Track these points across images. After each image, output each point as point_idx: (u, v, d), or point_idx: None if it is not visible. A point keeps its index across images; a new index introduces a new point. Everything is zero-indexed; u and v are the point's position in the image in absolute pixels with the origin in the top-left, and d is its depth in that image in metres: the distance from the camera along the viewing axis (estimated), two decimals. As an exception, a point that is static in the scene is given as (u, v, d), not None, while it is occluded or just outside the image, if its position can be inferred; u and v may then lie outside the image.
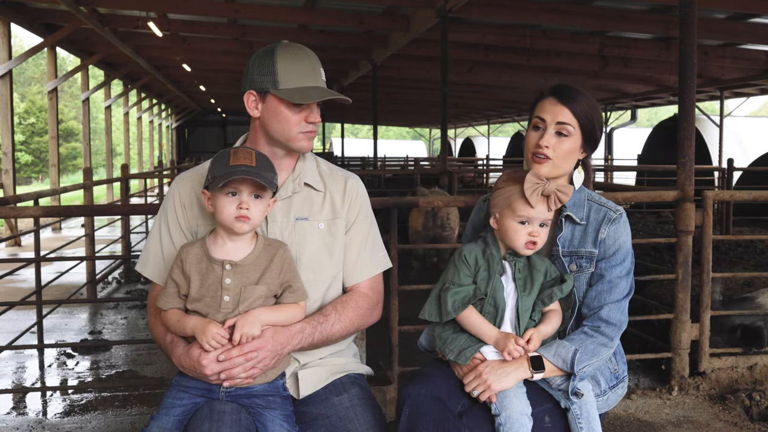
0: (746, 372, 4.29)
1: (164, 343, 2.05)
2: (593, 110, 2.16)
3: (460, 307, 2.03)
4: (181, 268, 1.98)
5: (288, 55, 2.05)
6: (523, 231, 2.03)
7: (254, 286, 1.95)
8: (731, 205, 9.84)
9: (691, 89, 4.09)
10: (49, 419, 3.92)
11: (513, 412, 1.96)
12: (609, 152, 21.04)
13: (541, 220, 2.04)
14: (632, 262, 2.17)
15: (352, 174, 2.28)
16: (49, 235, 11.83)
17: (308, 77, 2.05)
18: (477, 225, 2.34)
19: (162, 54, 15.33)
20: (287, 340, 1.98)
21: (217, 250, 1.98)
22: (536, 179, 2.02)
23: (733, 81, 13.77)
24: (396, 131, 69.28)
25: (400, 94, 21.51)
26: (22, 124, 42.84)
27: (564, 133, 2.13)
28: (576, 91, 2.16)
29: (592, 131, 2.17)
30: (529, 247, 2.04)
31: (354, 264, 2.21)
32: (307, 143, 2.11)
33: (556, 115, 2.13)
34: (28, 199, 4.89)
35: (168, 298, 2.00)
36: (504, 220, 2.06)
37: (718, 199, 5.05)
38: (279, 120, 2.07)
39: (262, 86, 2.06)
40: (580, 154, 2.19)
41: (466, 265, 2.07)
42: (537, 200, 2.00)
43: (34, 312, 5.74)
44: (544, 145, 2.13)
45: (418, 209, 7.59)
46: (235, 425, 1.88)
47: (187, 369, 1.95)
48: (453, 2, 8.07)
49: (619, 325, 2.11)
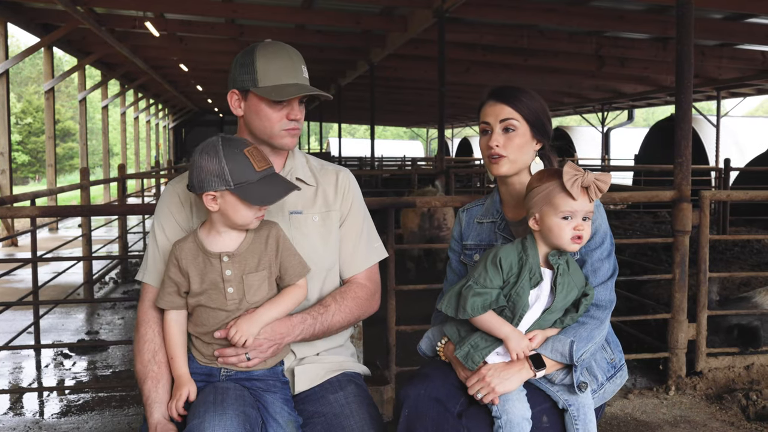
0: (743, 372, 4.30)
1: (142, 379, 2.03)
2: (533, 101, 2.19)
3: (479, 310, 1.99)
4: (177, 265, 1.97)
5: (267, 54, 2.05)
6: (567, 227, 1.99)
7: (255, 273, 1.97)
8: (728, 205, 9.85)
9: (688, 89, 4.10)
10: (46, 419, 3.92)
11: (514, 416, 1.96)
12: (606, 152, 21.06)
13: (584, 212, 2.00)
14: (612, 243, 2.16)
15: (342, 167, 2.29)
16: (45, 236, 11.81)
17: (287, 74, 2.04)
18: (459, 237, 2.34)
19: (159, 54, 15.31)
20: (287, 331, 2.00)
21: (211, 242, 1.98)
22: (574, 170, 1.97)
23: (729, 81, 13.80)
24: (393, 131, 69.27)
25: (397, 94, 21.51)
26: (19, 124, 42.77)
27: (510, 128, 2.16)
28: (513, 89, 2.20)
29: (538, 121, 2.19)
30: (575, 241, 2.00)
31: (350, 255, 2.22)
32: (290, 140, 2.10)
33: (498, 115, 2.17)
34: (24, 199, 4.88)
35: (167, 297, 2.00)
36: (545, 218, 2.01)
37: (714, 199, 5.06)
38: (260, 118, 2.07)
39: (243, 85, 2.06)
40: (535, 145, 2.21)
41: (498, 269, 2.01)
42: (578, 192, 1.96)
43: (30, 312, 5.73)
44: (494, 145, 2.15)
45: (414, 210, 7.57)
46: (239, 398, 1.90)
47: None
48: (450, 2, 8.07)
49: (608, 306, 2.11)
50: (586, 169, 2.04)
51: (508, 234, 2.22)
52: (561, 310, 2.04)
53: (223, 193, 1.90)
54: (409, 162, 19.68)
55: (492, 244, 2.21)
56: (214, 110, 37.23)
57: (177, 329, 2.01)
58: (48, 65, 13.48)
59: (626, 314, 4.82)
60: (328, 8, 10.21)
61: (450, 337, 2.11)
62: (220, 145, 1.92)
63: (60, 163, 42.51)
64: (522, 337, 1.99)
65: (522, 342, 1.99)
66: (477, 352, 2.02)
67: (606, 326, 2.12)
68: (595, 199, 2.01)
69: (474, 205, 2.36)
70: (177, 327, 2.01)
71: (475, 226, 2.30)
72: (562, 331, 2.06)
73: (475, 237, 2.28)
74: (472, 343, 2.03)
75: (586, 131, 23.66)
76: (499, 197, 2.28)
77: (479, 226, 2.29)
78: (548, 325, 2.04)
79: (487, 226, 2.27)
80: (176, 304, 2.00)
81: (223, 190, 1.90)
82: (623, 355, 2.27)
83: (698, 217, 4.22)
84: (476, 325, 2.03)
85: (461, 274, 2.30)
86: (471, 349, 2.03)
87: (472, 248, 2.28)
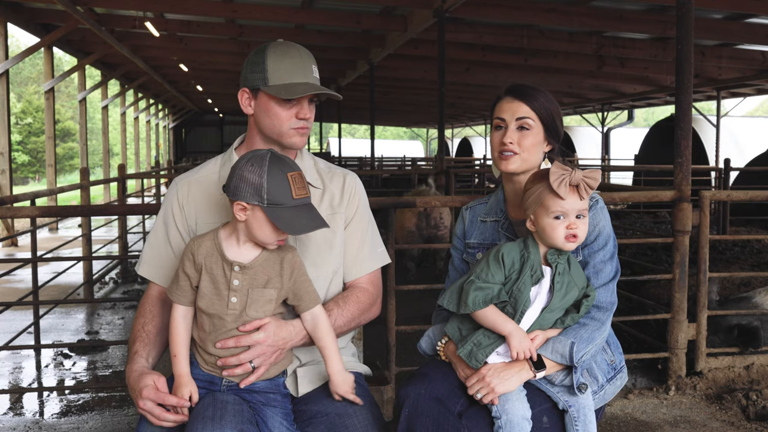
0: (743, 372, 4.30)
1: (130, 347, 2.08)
2: (550, 103, 2.21)
3: (480, 304, 1.99)
4: (192, 261, 1.97)
5: (278, 53, 2.06)
6: (560, 226, 1.99)
7: (262, 289, 1.95)
8: (728, 205, 9.84)
9: (688, 89, 4.10)
10: (46, 419, 3.92)
11: (514, 416, 1.96)
12: (606, 152, 21.06)
13: (577, 211, 2.00)
14: (615, 245, 2.17)
15: (350, 171, 2.29)
16: (45, 236, 11.81)
17: (297, 73, 2.05)
18: (461, 234, 2.34)
19: (159, 54, 15.31)
20: (289, 336, 1.99)
21: (228, 248, 1.97)
22: (561, 170, 1.98)
23: (729, 81, 13.80)
24: (393, 131, 69.30)
25: (397, 94, 21.51)
26: (19, 124, 42.78)
27: (526, 127, 2.17)
28: (531, 88, 2.21)
29: (552, 123, 2.21)
30: (570, 240, 2.00)
31: (354, 259, 2.22)
32: (299, 139, 2.10)
33: (515, 112, 2.18)
34: (24, 199, 4.88)
35: (181, 291, 1.98)
36: (539, 219, 2.02)
37: (714, 199, 5.06)
38: (270, 116, 2.08)
39: (254, 83, 2.07)
40: (546, 146, 2.22)
41: (500, 265, 2.02)
42: (566, 191, 1.97)
43: (30, 312, 5.73)
44: (508, 141, 2.16)
45: (410, 209, 7.55)
46: (237, 414, 1.89)
47: (131, 387, 1.97)
48: (450, 2, 8.07)
49: (610, 308, 2.12)
50: (578, 167, 2.04)
51: (511, 233, 2.22)
52: (561, 309, 2.04)
53: (254, 207, 1.89)
54: (409, 162, 19.69)
55: (495, 243, 2.21)
56: (214, 110, 37.24)
57: (183, 327, 1.99)
58: (48, 65, 13.48)
59: (626, 314, 4.82)
60: (328, 8, 10.21)
61: (452, 335, 2.11)
62: (267, 160, 1.90)
63: (60, 163, 42.54)
64: (525, 337, 1.99)
65: (524, 342, 1.98)
66: (480, 350, 2.02)
67: (607, 328, 2.12)
68: (586, 197, 2.01)
69: (478, 203, 2.36)
70: (183, 324, 1.99)
71: (479, 224, 2.30)
72: (563, 332, 2.06)
73: (478, 235, 2.29)
74: (475, 341, 2.03)
75: (586, 131, 23.68)
76: (504, 196, 2.29)
77: (483, 224, 2.29)
78: (549, 325, 2.04)
79: (491, 225, 2.27)
80: (187, 299, 1.99)
81: (255, 204, 1.89)
82: (623, 357, 2.27)
83: (698, 217, 4.22)
84: (479, 320, 2.03)
85: (463, 272, 2.30)
86: (474, 347, 2.02)
87: (474, 246, 2.28)
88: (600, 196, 2.21)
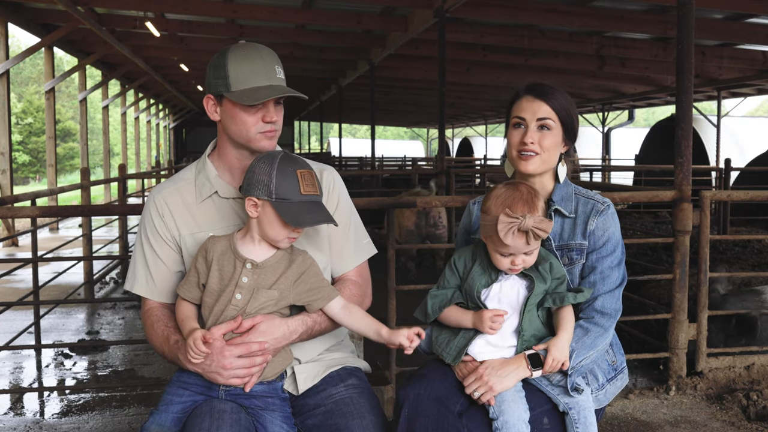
0: (743, 372, 4.29)
1: (167, 345, 2.04)
2: (569, 104, 2.20)
3: (437, 310, 2.11)
4: (204, 257, 1.99)
5: (239, 56, 2.02)
6: (504, 260, 2.02)
7: (267, 289, 1.97)
8: (728, 205, 9.84)
9: (689, 89, 4.09)
10: (47, 419, 3.92)
11: (511, 417, 1.96)
12: (606, 152, 21.05)
13: (524, 250, 2.00)
14: (623, 252, 2.17)
15: (326, 165, 2.26)
16: (46, 236, 11.81)
17: (260, 77, 2.01)
18: (468, 228, 2.34)
19: (159, 54, 15.30)
20: (284, 335, 1.99)
21: (243, 247, 1.99)
22: (510, 219, 1.95)
23: (730, 81, 13.78)
24: (394, 131, 69.27)
25: (397, 94, 21.49)
26: (20, 124, 42.79)
27: (546, 127, 2.16)
28: (550, 88, 2.20)
29: (571, 123, 2.20)
30: (513, 271, 2.04)
31: (340, 253, 2.22)
32: (268, 143, 2.07)
33: (536, 112, 2.16)
34: (25, 199, 4.88)
35: (187, 286, 2.01)
36: (488, 244, 2.05)
37: (715, 199, 5.06)
38: (236, 122, 2.03)
39: (217, 90, 2.04)
40: (563, 147, 2.22)
41: (452, 270, 2.14)
42: (512, 239, 1.96)
43: (31, 312, 5.73)
44: (530, 141, 2.14)
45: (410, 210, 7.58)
46: (235, 424, 1.89)
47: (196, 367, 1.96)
48: (450, 2, 8.07)
49: (614, 314, 2.12)
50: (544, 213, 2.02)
51: None
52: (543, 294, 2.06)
53: (264, 202, 1.93)
54: (410, 162, 19.69)
55: None
56: (215, 110, 37.17)
57: (190, 307, 2.02)
58: (48, 65, 13.48)
59: (627, 314, 4.81)
60: (328, 8, 10.20)
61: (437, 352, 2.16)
62: (278, 158, 1.95)
63: (60, 163, 42.54)
64: (482, 312, 2.03)
65: (484, 315, 2.02)
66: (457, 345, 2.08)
67: (610, 334, 2.12)
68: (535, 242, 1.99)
69: None
70: (190, 306, 2.02)
71: None
72: None
73: None
74: (456, 341, 2.09)
75: (586, 131, 23.65)
76: None
77: None
78: (535, 311, 2.05)
79: None
80: (195, 297, 2.01)
81: (264, 199, 1.92)
82: (625, 358, 2.28)
83: (699, 217, 4.22)
84: (445, 323, 2.12)
85: None
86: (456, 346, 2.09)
87: None
88: (605, 197, 2.21)
